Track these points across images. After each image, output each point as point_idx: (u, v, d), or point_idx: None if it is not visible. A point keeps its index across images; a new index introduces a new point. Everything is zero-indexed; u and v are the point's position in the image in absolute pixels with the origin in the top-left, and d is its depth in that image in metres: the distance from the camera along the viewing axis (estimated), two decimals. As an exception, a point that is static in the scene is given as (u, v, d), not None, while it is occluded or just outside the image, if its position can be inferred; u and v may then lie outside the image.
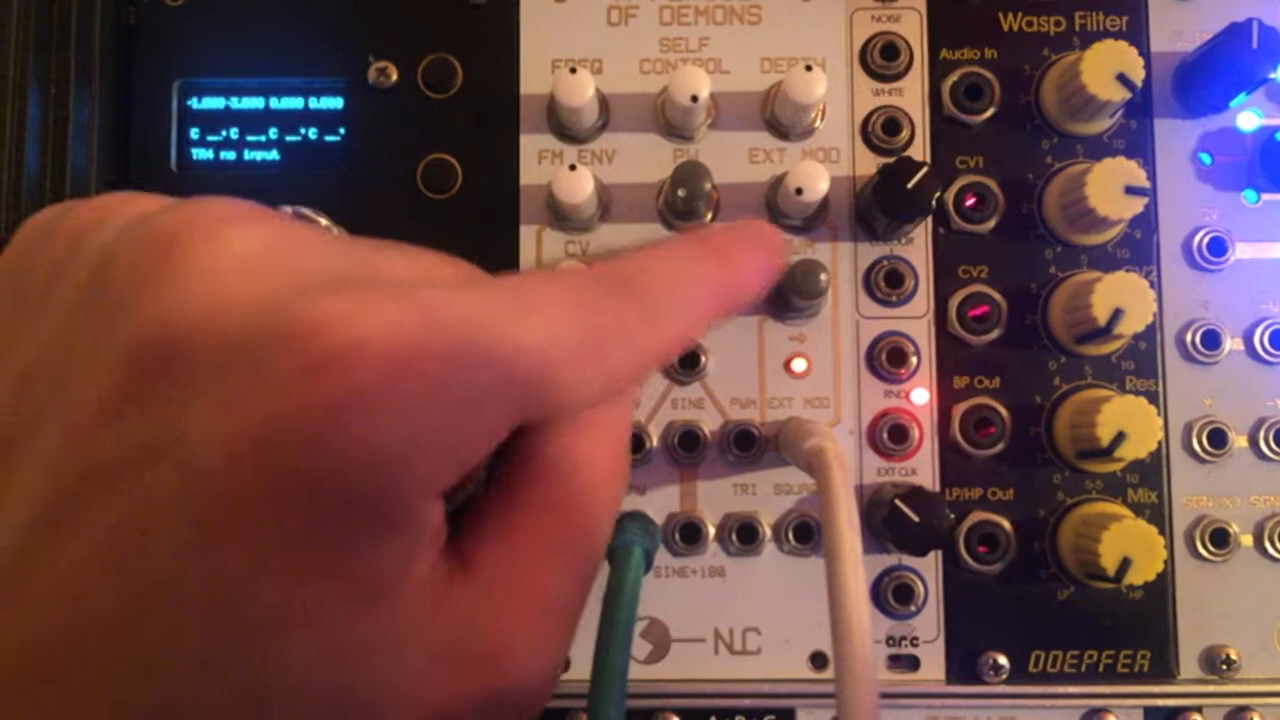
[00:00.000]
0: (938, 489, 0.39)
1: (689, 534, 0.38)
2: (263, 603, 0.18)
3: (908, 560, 0.39)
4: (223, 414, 0.17)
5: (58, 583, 0.18)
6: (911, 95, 0.40)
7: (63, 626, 0.18)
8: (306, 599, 0.18)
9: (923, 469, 0.39)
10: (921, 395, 0.39)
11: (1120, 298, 0.35)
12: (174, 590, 0.18)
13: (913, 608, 0.38)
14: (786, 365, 0.39)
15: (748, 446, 0.38)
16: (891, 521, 0.35)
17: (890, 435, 0.39)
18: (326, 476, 0.17)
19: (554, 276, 0.22)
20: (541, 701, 0.22)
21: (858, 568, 0.26)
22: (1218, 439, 0.39)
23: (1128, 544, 0.35)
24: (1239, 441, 0.39)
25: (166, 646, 0.18)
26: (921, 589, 0.38)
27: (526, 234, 0.40)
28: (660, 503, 0.39)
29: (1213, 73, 0.38)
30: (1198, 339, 0.39)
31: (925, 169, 0.36)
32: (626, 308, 0.22)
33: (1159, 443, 0.35)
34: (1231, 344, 0.39)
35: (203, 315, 0.18)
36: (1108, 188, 0.36)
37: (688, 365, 0.39)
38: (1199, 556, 0.39)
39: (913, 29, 0.40)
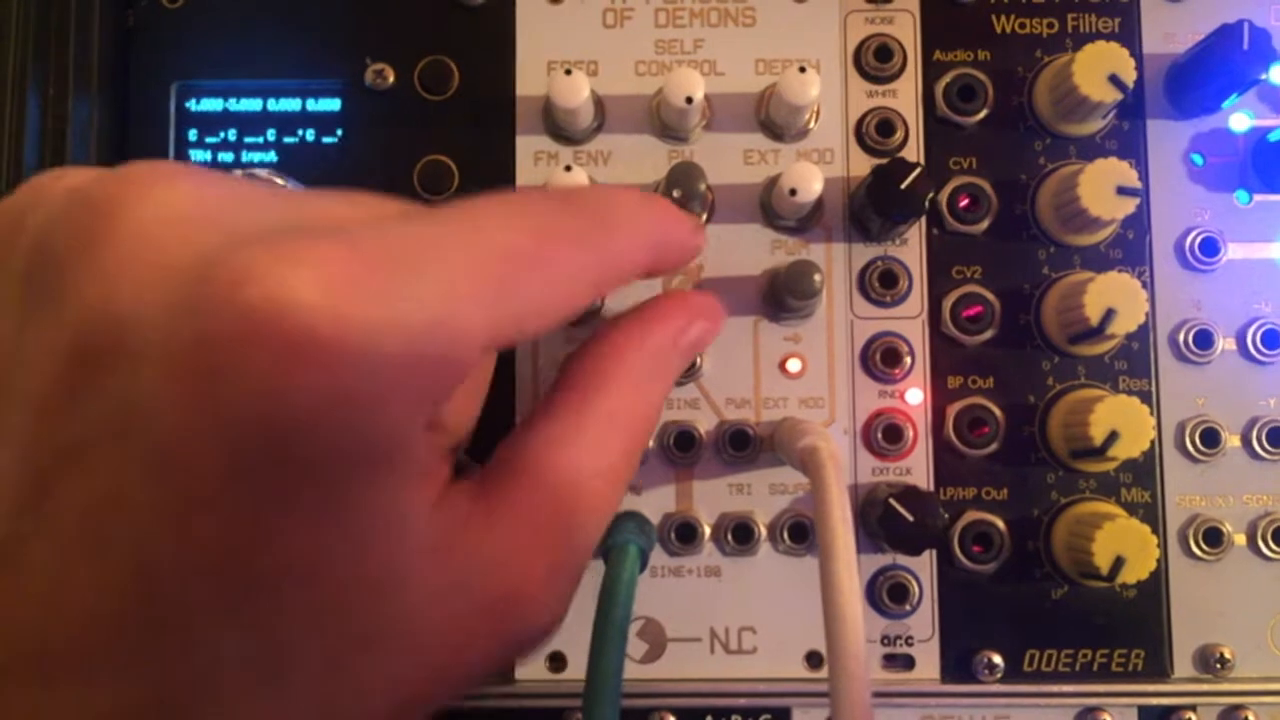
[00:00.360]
0: (932, 488, 0.39)
1: (684, 534, 0.38)
2: (252, 566, 0.17)
3: (902, 560, 0.39)
4: (172, 381, 0.17)
5: (48, 565, 0.18)
6: (905, 97, 0.40)
7: (60, 609, 0.18)
8: (296, 555, 0.18)
9: (917, 469, 0.39)
10: (916, 395, 0.39)
11: (1113, 298, 0.36)
12: (161, 564, 0.17)
13: (907, 607, 0.39)
14: (781, 365, 0.40)
15: (743, 446, 0.39)
16: (886, 521, 0.35)
17: (885, 435, 0.39)
18: (287, 429, 0.17)
19: (502, 195, 0.22)
20: (541, 643, 0.22)
21: (851, 565, 0.26)
22: (1210, 438, 0.39)
23: (1121, 543, 0.35)
24: (1232, 441, 0.39)
25: (164, 623, 0.17)
26: (916, 588, 0.39)
27: (522, 235, 0.40)
28: (656, 502, 0.39)
29: (1204, 74, 0.38)
30: (1190, 339, 0.39)
31: (919, 170, 0.36)
32: (575, 215, 0.22)
33: (1152, 442, 0.35)
34: (1224, 344, 0.39)
35: (140, 281, 0.18)
36: (1100, 188, 0.36)
37: (683, 365, 0.39)
38: (1192, 555, 0.39)
39: (906, 31, 0.41)
